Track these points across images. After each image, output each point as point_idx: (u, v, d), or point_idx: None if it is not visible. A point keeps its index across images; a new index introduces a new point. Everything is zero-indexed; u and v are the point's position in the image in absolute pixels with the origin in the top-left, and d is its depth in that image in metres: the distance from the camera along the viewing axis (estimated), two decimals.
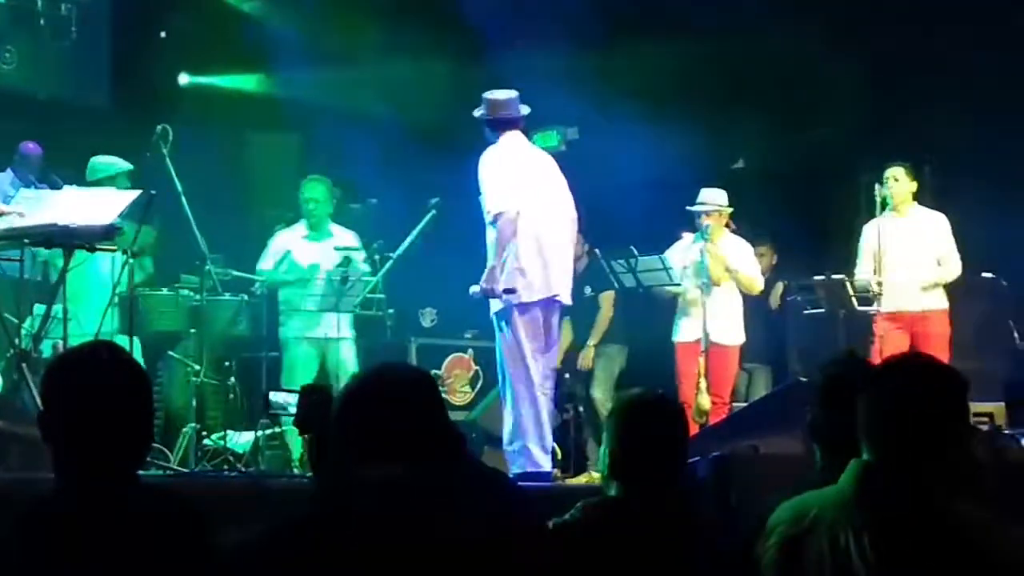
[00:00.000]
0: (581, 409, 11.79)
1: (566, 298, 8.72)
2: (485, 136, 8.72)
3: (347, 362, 10.58)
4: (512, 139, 8.68)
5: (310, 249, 10.69)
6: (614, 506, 4.12)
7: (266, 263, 10.66)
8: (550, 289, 8.52)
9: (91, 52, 12.98)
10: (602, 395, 11.73)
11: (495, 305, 8.55)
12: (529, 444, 8.37)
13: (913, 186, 10.39)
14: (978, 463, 4.47)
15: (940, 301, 10.32)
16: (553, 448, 9.59)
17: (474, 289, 8.54)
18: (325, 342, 10.50)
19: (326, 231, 10.77)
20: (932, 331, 10.11)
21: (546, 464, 8.43)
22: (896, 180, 10.35)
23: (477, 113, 8.73)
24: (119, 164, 9.77)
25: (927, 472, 3.29)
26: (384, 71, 13.26)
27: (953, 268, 10.35)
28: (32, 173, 10.08)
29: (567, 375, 11.93)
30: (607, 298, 11.82)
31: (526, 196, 8.49)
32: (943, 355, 9.06)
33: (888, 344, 10.03)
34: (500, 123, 8.66)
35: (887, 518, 3.26)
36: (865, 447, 3.38)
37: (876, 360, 10.10)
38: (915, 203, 10.43)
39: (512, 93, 8.73)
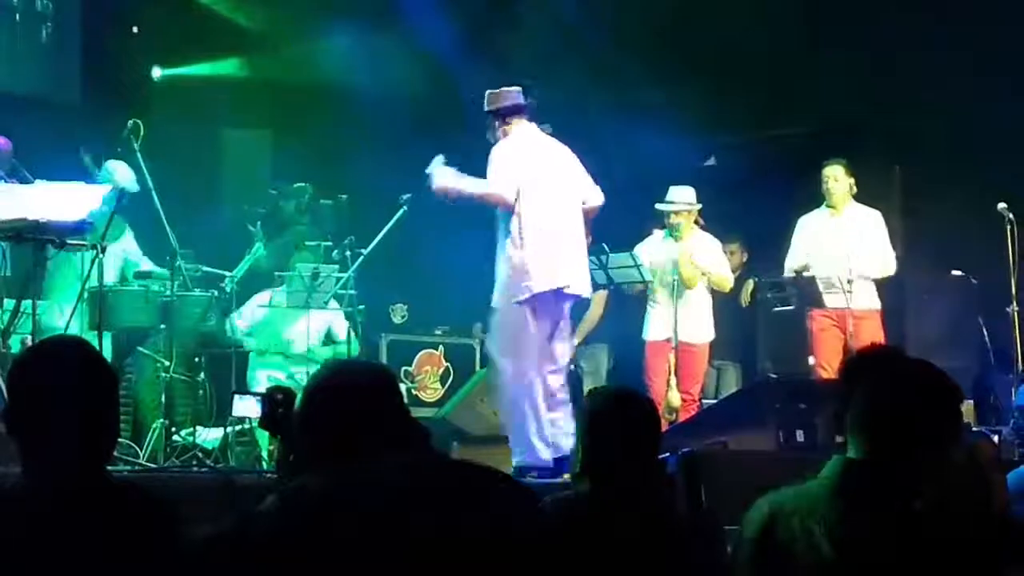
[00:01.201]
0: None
1: (578, 289, 8.59)
2: (492, 136, 8.61)
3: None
4: (520, 130, 8.59)
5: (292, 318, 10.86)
6: (583, 501, 4.12)
7: (242, 322, 10.73)
8: (555, 281, 8.40)
9: (63, 47, 12.93)
10: None
11: (502, 298, 8.49)
12: (530, 437, 8.33)
13: (850, 181, 10.37)
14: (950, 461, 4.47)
15: (873, 301, 10.32)
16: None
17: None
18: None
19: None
20: (865, 330, 10.05)
21: (546, 455, 8.35)
22: (836, 180, 10.35)
23: (486, 107, 8.60)
24: (125, 182, 9.64)
25: (916, 471, 3.29)
26: (357, 66, 13.24)
27: (888, 264, 10.34)
28: (2, 167, 10.03)
29: None
30: (599, 298, 11.80)
31: (532, 187, 8.39)
32: None
33: (823, 341, 10.09)
34: (504, 112, 8.57)
35: (867, 514, 3.25)
36: (851, 442, 3.37)
37: (816, 357, 10.18)
38: (851, 200, 10.41)
39: (515, 86, 8.64)
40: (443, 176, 8.53)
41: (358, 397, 3.42)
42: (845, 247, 10.16)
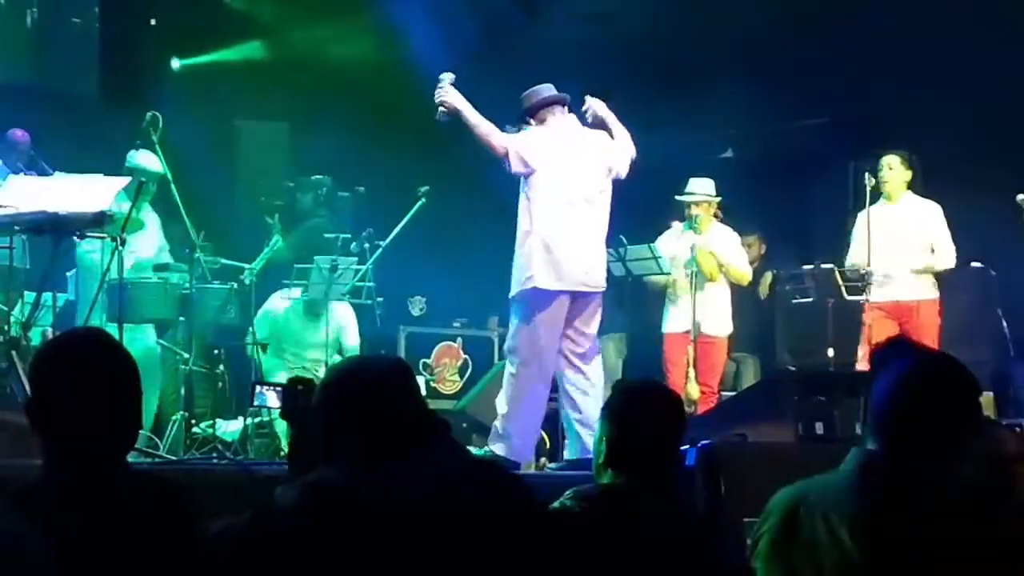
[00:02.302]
0: None
1: (591, 284, 8.52)
2: (520, 129, 8.55)
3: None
4: (555, 120, 8.50)
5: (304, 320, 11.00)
6: (609, 495, 4.11)
7: (261, 327, 10.80)
8: (563, 282, 8.33)
9: (81, 40, 12.95)
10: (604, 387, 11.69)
11: (513, 289, 8.46)
12: (512, 432, 8.33)
13: (908, 175, 10.38)
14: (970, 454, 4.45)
15: (930, 291, 10.32)
16: (541, 436, 9.61)
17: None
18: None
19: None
20: (922, 322, 10.09)
21: (522, 459, 8.34)
22: (891, 168, 10.35)
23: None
24: (149, 166, 9.68)
25: (934, 464, 3.27)
26: (376, 58, 13.25)
27: (946, 257, 10.34)
28: (20, 160, 10.05)
29: None
30: None
31: (548, 179, 8.33)
32: (932, 346, 9.08)
33: (877, 333, 10.04)
34: (535, 108, 8.49)
35: (886, 508, 3.23)
36: (871, 435, 3.36)
37: (865, 349, 10.16)
38: (908, 192, 10.42)
39: (545, 86, 8.56)
40: (454, 93, 8.48)
41: (374, 391, 3.43)
42: (903, 239, 10.18)
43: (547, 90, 8.54)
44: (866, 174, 10.32)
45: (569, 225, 8.37)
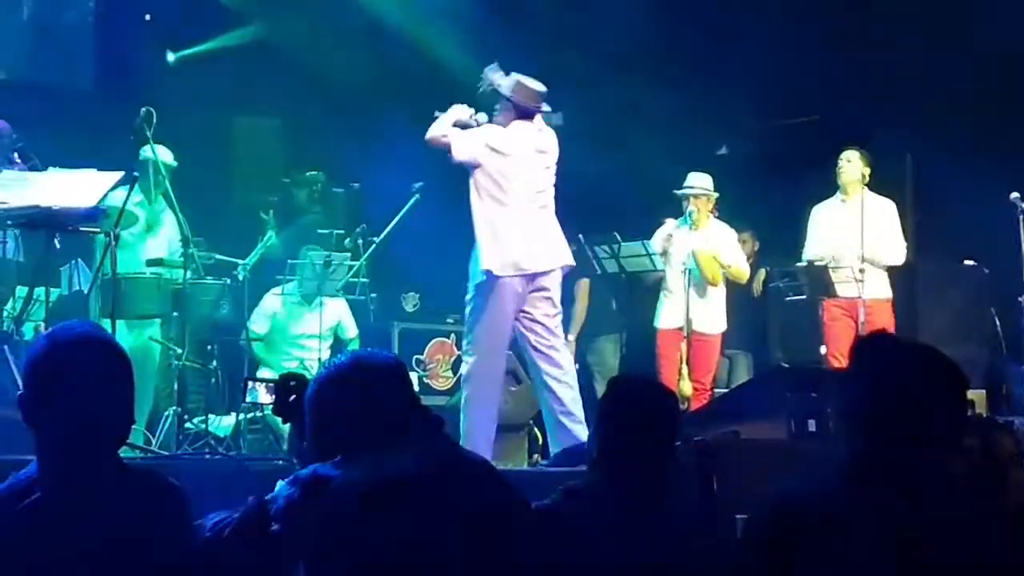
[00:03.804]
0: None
1: (546, 266, 8.43)
2: (496, 112, 8.53)
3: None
4: (522, 127, 8.48)
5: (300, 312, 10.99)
6: (602, 491, 4.11)
7: (259, 326, 10.80)
8: (520, 267, 8.31)
9: (76, 35, 12.94)
10: (600, 386, 11.68)
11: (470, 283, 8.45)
12: (468, 426, 8.32)
13: (866, 171, 10.37)
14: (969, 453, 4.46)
15: (884, 290, 10.32)
16: (534, 434, 9.62)
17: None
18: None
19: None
20: (875, 320, 10.01)
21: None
22: (848, 162, 10.37)
23: (504, 91, 8.47)
24: (167, 159, 9.72)
25: (922, 460, 3.27)
26: (370, 56, 13.23)
27: (898, 253, 10.34)
28: (4, 151, 10.07)
29: None
30: (582, 287, 11.79)
31: (500, 181, 8.35)
32: None
33: (834, 331, 10.08)
34: (519, 111, 8.46)
35: (875, 505, 3.23)
36: (855, 432, 3.35)
37: (828, 347, 10.18)
38: (865, 189, 10.40)
39: (542, 87, 8.53)
40: (456, 109, 8.55)
41: (368, 387, 3.43)
42: (856, 235, 10.16)
43: (539, 98, 8.51)
44: (835, 169, 10.37)
45: (523, 218, 8.38)
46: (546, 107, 8.55)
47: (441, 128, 8.48)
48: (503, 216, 8.33)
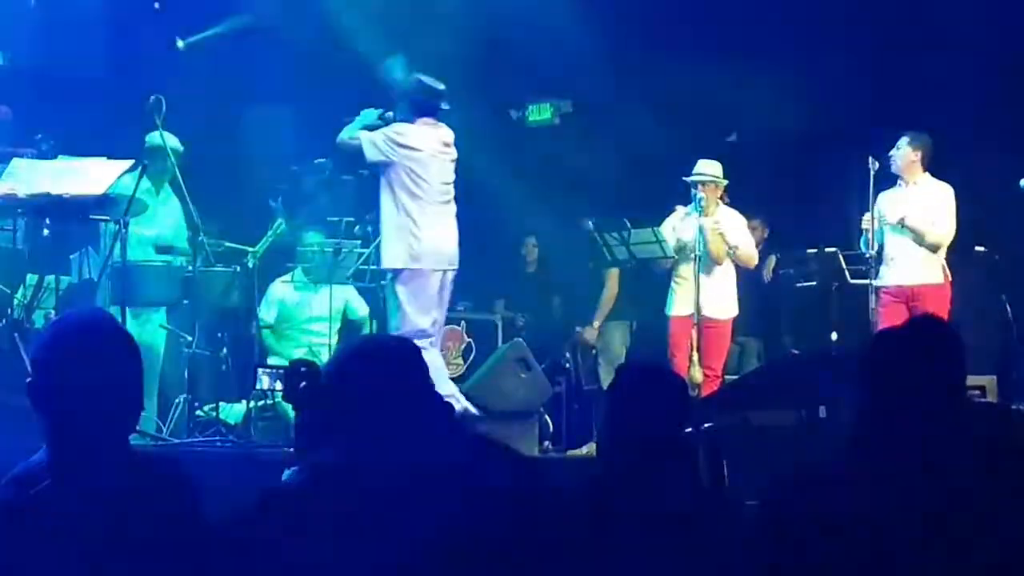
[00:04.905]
0: (582, 383, 11.87)
1: (454, 264, 9.09)
2: (398, 112, 9.06)
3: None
4: (426, 124, 9.00)
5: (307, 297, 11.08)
6: (611, 477, 4.11)
7: (267, 314, 10.81)
8: (430, 262, 8.93)
9: (85, 23, 12.93)
10: (606, 373, 11.70)
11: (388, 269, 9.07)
12: None
13: (917, 155, 10.35)
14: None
15: (936, 276, 10.29)
16: (545, 421, 9.63)
17: None
18: None
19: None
20: (926, 306, 10.01)
21: None
22: (897, 149, 10.37)
23: (406, 89, 9.07)
24: (163, 141, 9.73)
25: (928, 420, 3.27)
26: (380, 41, 13.21)
27: (938, 229, 10.29)
28: (5, 135, 10.11)
29: (566, 353, 11.98)
30: (612, 275, 11.80)
31: (407, 177, 8.91)
32: None
33: (886, 318, 10.03)
34: (421, 107, 9.01)
35: (885, 470, 3.23)
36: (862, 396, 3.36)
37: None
38: (923, 173, 10.38)
39: (442, 86, 9.06)
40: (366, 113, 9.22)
41: (384, 372, 3.42)
42: (909, 220, 10.16)
43: (439, 96, 9.07)
44: (870, 158, 10.30)
45: (433, 212, 8.97)
46: (446, 105, 9.07)
47: (349, 132, 9.15)
48: (417, 210, 8.90)
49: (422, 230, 8.91)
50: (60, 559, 3.16)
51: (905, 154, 10.35)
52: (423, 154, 8.94)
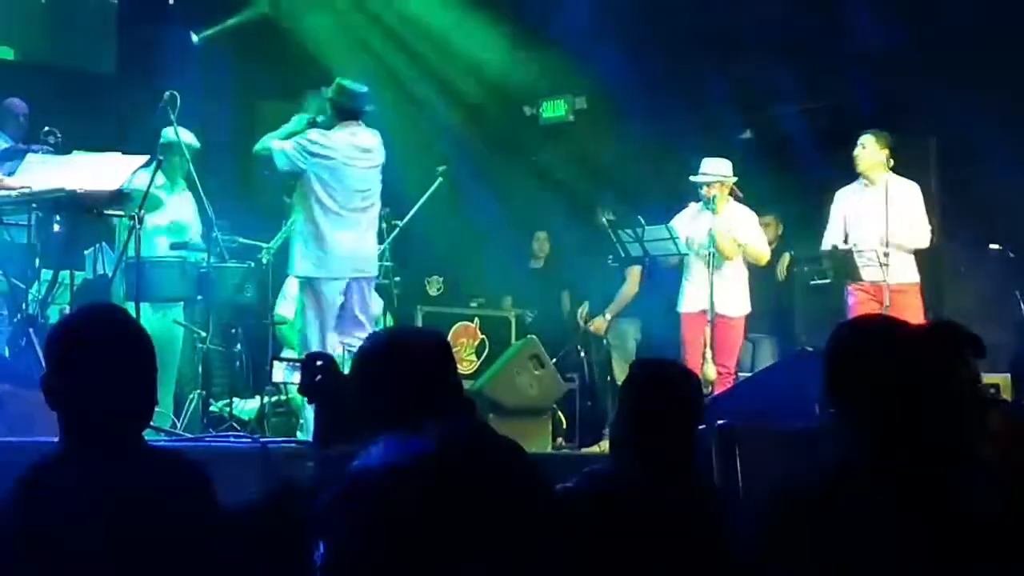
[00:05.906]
0: (596, 380, 11.86)
1: (367, 271, 9.28)
2: (326, 116, 9.16)
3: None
4: (345, 129, 9.10)
5: None
6: (624, 475, 4.11)
7: (285, 309, 10.83)
8: (331, 271, 9.06)
9: (98, 16, 12.95)
10: (619, 369, 11.71)
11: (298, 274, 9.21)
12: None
13: (884, 153, 10.29)
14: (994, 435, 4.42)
15: (911, 274, 10.24)
16: (558, 417, 9.62)
17: None
18: None
19: None
20: (902, 304, 9.94)
21: None
22: (863, 147, 10.29)
23: (327, 94, 9.18)
24: (191, 141, 9.78)
25: (935, 434, 3.25)
26: (391, 36, 13.23)
27: (921, 236, 10.24)
28: (20, 129, 10.13)
29: (578, 346, 11.97)
30: (634, 273, 11.79)
31: (326, 182, 9.05)
32: None
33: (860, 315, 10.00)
34: (344, 112, 9.09)
35: (891, 487, 3.21)
36: (862, 413, 3.34)
37: None
38: (888, 172, 10.32)
39: (364, 88, 9.19)
40: (293, 121, 9.29)
41: (415, 363, 3.40)
42: (880, 219, 10.10)
43: (363, 99, 9.18)
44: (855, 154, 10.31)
45: (344, 219, 9.11)
46: (370, 107, 9.21)
47: (264, 142, 9.19)
48: (324, 219, 9.02)
49: (328, 237, 9.03)
50: (75, 552, 3.16)
51: (871, 153, 10.28)
52: (335, 162, 9.03)
